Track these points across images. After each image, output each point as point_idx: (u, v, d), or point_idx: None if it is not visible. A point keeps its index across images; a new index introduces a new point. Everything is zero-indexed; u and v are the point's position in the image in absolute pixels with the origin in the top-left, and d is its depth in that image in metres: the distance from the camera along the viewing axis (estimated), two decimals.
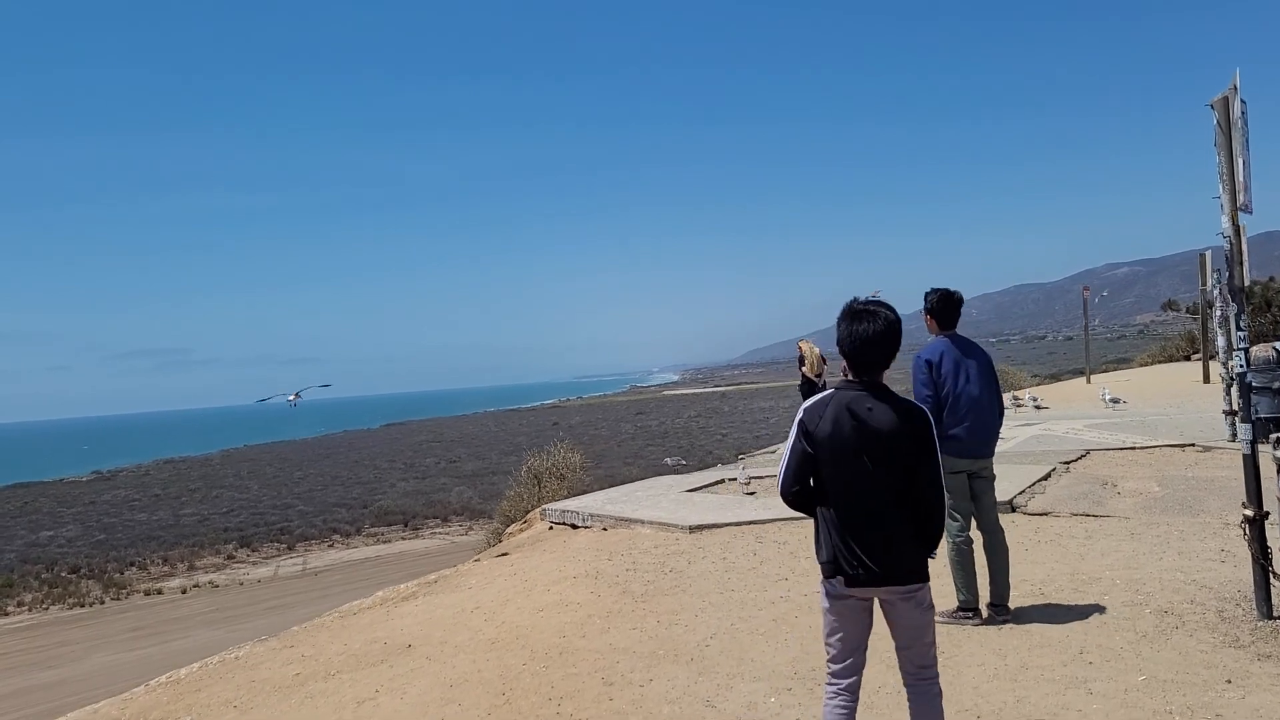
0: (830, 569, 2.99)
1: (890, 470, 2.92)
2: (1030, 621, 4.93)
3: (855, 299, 3.08)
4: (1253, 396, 9.91)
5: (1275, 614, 4.69)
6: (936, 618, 3.31)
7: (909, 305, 5.10)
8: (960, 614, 5.01)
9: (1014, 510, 7.57)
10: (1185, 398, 16.35)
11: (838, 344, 3.08)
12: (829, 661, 3.08)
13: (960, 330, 5.21)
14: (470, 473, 50.54)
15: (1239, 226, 4.76)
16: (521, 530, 9.33)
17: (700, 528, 7.63)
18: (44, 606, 29.34)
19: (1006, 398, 19.27)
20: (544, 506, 9.22)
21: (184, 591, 30.33)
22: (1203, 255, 14.66)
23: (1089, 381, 23.11)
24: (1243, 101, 4.79)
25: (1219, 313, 11.31)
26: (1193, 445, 10.35)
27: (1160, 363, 29.28)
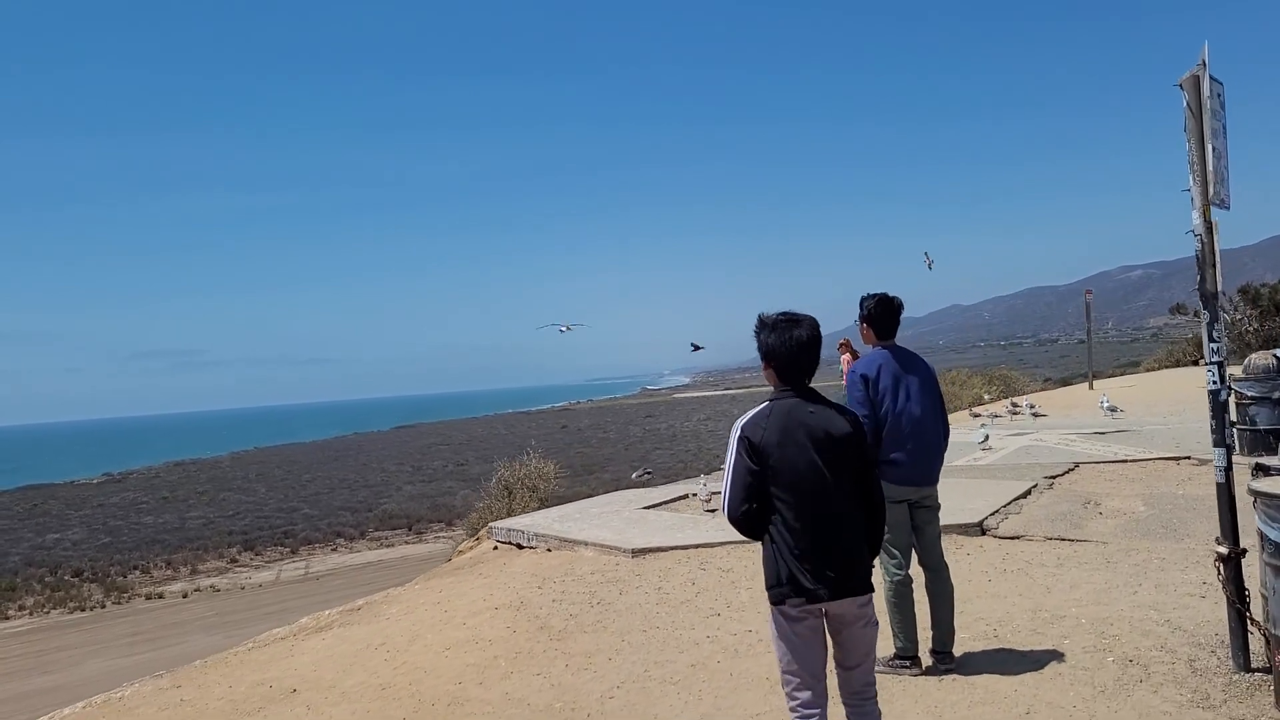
0: (786, 591, 2.84)
1: (845, 473, 2.90)
2: (977, 671, 4.36)
3: (762, 314, 3.04)
4: (1250, 407, 9.29)
5: (1253, 665, 4.09)
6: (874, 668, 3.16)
7: (916, 309, 4.60)
8: (897, 662, 4.42)
9: (984, 533, 6.97)
10: (1188, 405, 15.54)
11: (768, 354, 3.00)
12: (792, 695, 2.92)
13: (968, 333, 4.64)
14: (476, 476, 49.99)
15: (1211, 223, 4.17)
16: (471, 549, 8.81)
17: (644, 551, 7.07)
18: (45, 610, 29.10)
19: (1004, 405, 18.58)
20: (491, 524, 8.70)
21: (185, 596, 30.02)
22: None
23: (1092, 387, 22.34)
24: (1215, 80, 4.20)
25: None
26: (1188, 458, 9.66)
27: (1167, 367, 28.40)
